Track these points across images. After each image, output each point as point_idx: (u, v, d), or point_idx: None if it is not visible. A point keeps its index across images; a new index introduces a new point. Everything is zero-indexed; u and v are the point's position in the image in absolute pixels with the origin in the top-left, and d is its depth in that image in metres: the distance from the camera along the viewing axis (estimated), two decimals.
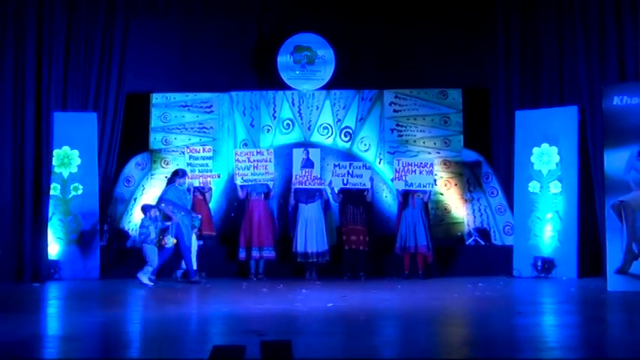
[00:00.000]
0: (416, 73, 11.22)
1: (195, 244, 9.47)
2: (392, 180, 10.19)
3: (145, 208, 9.29)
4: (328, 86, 11.28)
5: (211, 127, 11.31)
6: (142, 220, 9.19)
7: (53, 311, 7.29)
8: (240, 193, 10.07)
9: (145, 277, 8.90)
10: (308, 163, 10.51)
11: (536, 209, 9.83)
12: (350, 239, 9.72)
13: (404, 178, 9.82)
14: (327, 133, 11.30)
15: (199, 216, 9.48)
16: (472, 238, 10.70)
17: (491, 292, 8.19)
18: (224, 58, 11.30)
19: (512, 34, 10.55)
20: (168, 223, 9.17)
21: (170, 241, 9.03)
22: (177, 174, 9.53)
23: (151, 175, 11.13)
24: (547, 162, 9.83)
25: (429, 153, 11.07)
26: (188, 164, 10.10)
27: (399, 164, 9.92)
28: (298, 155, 10.63)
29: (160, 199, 9.34)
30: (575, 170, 9.59)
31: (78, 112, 10.20)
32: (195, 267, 9.33)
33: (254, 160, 10.05)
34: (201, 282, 9.29)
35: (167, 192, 9.38)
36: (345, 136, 11.29)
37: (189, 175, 9.95)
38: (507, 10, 10.59)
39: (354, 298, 7.76)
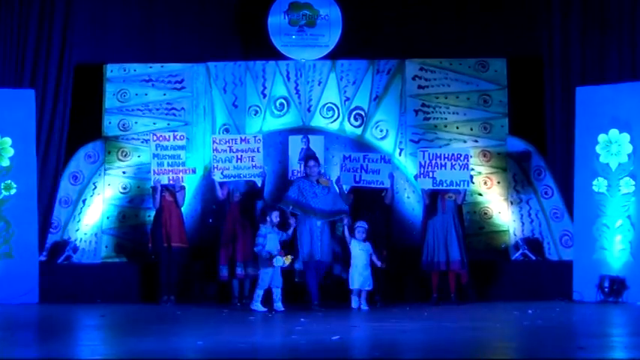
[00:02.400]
0: (447, 38, 11.21)
1: None
2: (416, 177, 10.17)
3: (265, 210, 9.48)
4: (334, 55, 11.27)
5: (183, 108, 11.32)
6: (260, 226, 9.35)
7: None
8: (220, 193, 10.06)
9: (258, 304, 9.11)
10: (308, 154, 10.49)
11: (603, 214, 9.81)
12: None
13: (431, 174, 9.80)
14: (333, 116, 11.29)
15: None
16: (520, 252, 10.70)
17: (544, 321, 8.14)
18: (199, 20, 11.31)
19: None
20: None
21: (281, 260, 9.04)
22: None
23: (105, 170, 11.12)
24: (617, 153, 9.81)
25: (464, 142, 11.07)
26: (154, 156, 10.11)
27: (425, 156, 9.90)
28: (295, 144, 10.63)
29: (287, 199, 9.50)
30: None
31: (10, 88, 10.19)
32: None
33: (237, 150, 10.04)
34: (166, 308, 9.29)
35: (293, 188, 9.57)
36: (356, 120, 11.28)
37: (156, 169, 9.94)
38: None
39: (367, 329, 7.72)
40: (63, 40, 10.52)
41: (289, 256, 9.12)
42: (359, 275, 9.33)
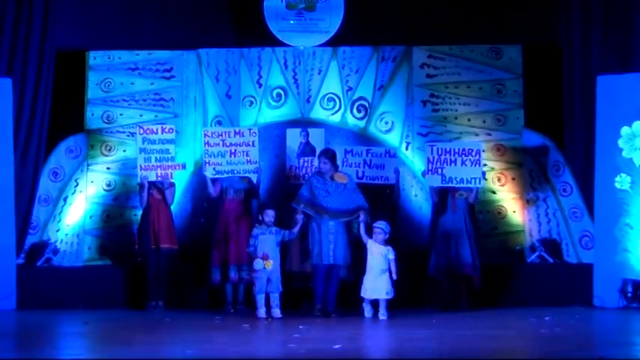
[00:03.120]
0: (457, 22, 11.22)
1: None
2: (423, 174, 10.17)
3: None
4: (335, 41, 11.27)
5: (172, 99, 11.31)
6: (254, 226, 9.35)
7: None
8: (212, 190, 10.06)
9: (262, 311, 9.09)
10: (307, 149, 10.51)
11: (626, 213, 9.82)
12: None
13: (440, 171, 9.82)
14: (334, 108, 11.30)
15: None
16: (536, 254, 10.70)
17: (562, 328, 8.15)
18: (190, 3, 11.31)
19: None
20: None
21: (260, 263, 9.03)
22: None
23: (88, 165, 11.12)
24: None
25: (476, 135, 11.08)
26: (140, 150, 10.12)
27: (433, 151, 9.92)
28: (294, 138, 10.63)
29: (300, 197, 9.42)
30: None
31: None
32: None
33: (231, 145, 10.06)
34: (154, 314, 9.29)
35: (306, 186, 9.47)
36: (359, 112, 11.28)
37: (143, 165, 9.95)
38: None
39: (370, 337, 7.72)
40: (43, 24, 10.50)
41: (270, 261, 9.03)
42: (373, 282, 9.04)
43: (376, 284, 9.03)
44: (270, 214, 9.24)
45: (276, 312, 9.12)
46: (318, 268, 9.37)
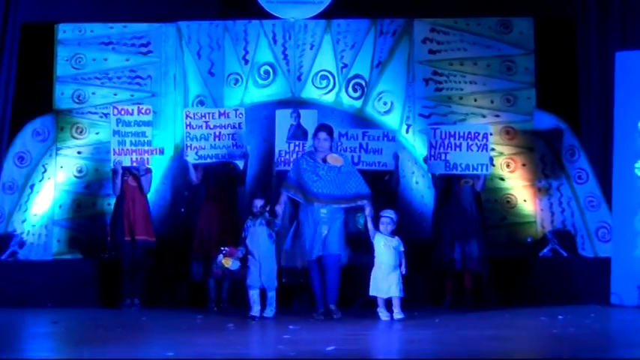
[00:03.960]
0: None
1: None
2: (425, 160, 10.18)
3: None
4: (329, 14, 11.26)
5: (149, 77, 11.32)
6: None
7: None
8: (194, 177, 10.06)
9: (256, 308, 8.95)
10: (298, 132, 10.49)
11: None
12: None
13: (444, 156, 9.83)
14: (327, 86, 11.32)
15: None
16: (549, 247, 10.73)
17: (577, 328, 8.17)
18: None
19: None
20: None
21: (219, 259, 8.88)
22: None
23: (57, 150, 11.11)
24: None
25: (484, 117, 11.11)
26: (114, 133, 10.09)
27: (435, 135, 9.92)
28: (283, 119, 10.62)
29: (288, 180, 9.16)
30: None
31: None
32: None
33: (215, 127, 10.06)
34: (130, 313, 9.31)
35: (293, 167, 9.21)
36: (355, 91, 11.29)
37: (117, 149, 9.94)
38: None
39: (367, 338, 7.72)
40: None
41: (229, 259, 8.83)
42: (384, 279, 8.72)
43: (389, 281, 8.74)
44: (256, 204, 9.07)
45: (269, 312, 8.96)
46: (312, 264, 9.05)
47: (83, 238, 11.00)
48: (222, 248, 8.91)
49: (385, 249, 8.76)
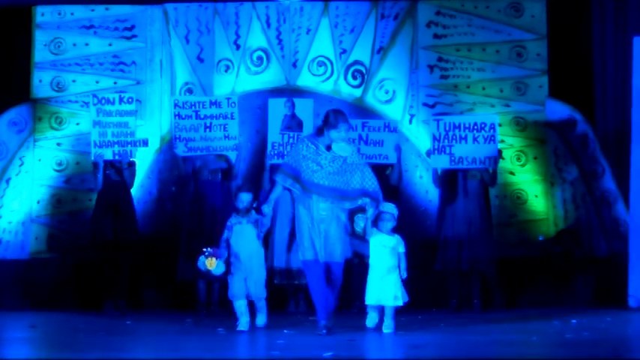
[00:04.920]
0: None
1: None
2: (428, 154, 10.25)
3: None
4: None
5: (133, 63, 11.35)
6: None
7: None
8: (183, 171, 10.15)
9: (243, 321, 8.37)
10: (293, 123, 10.53)
11: None
12: None
13: (449, 149, 9.88)
14: (325, 73, 11.37)
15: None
16: (561, 246, 10.77)
17: (591, 332, 8.16)
18: None
19: None
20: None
21: (202, 260, 8.26)
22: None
23: (35, 141, 11.16)
24: None
25: (492, 106, 11.15)
26: (95, 123, 10.10)
27: (440, 126, 9.97)
28: (277, 109, 10.59)
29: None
30: None
31: None
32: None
33: (206, 117, 10.11)
34: (113, 316, 9.38)
35: (292, 152, 8.22)
36: (355, 78, 11.36)
37: (98, 141, 9.99)
38: None
39: (368, 343, 7.74)
40: None
41: (214, 259, 8.25)
42: (378, 283, 8.10)
43: (382, 286, 8.09)
44: (243, 199, 8.40)
45: (260, 320, 8.51)
46: (310, 266, 8.11)
47: (63, 236, 11.03)
48: (204, 249, 8.36)
49: (382, 249, 8.16)
